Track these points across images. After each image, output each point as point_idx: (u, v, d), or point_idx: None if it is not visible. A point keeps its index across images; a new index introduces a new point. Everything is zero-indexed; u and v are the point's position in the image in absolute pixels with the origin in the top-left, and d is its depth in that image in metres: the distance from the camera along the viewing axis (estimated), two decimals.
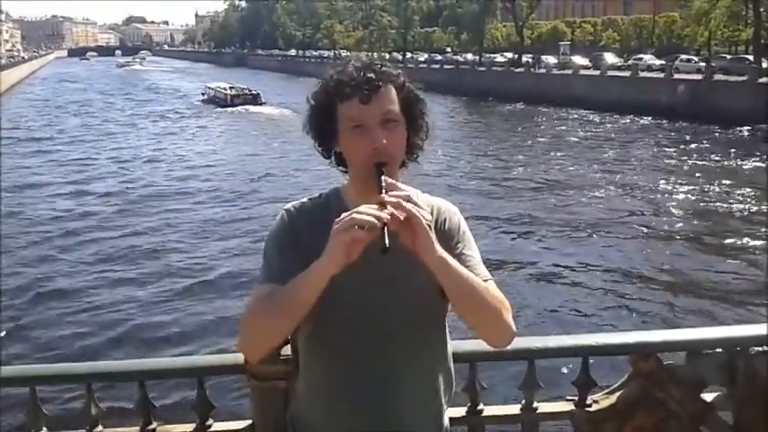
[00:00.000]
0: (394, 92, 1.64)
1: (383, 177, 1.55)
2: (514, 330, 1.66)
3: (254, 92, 49.89)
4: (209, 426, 2.26)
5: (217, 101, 49.86)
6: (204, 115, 44.51)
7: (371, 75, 1.62)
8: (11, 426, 2.25)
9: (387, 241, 1.41)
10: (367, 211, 1.44)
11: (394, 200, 1.47)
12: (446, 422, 1.83)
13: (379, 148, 1.58)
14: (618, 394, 2.30)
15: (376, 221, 1.43)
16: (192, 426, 2.26)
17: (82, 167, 25.78)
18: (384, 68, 1.66)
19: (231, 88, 50.88)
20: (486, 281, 1.65)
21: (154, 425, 2.25)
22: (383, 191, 1.51)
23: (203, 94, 54.65)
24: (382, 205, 1.46)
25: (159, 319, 10.76)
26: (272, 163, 26.51)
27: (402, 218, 1.47)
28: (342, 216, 1.46)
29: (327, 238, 1.48)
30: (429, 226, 1.49)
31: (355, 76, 1.62)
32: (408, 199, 1.49)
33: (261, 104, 47.84)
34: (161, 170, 25.47)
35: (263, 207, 18.37)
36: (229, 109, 46.29)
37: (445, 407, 1.82)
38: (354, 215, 1.44)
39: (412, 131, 1.68)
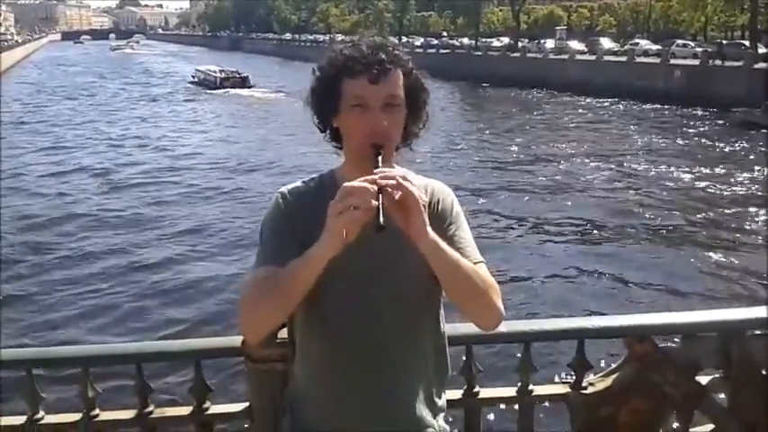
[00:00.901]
0: (402, 77, 1.63)
1: (379, 158, 1.55)
2: (503, 313, 1.66)
3: (243, 75, 50.29)
4: (207, 408, 2.26)
5: (206, 83, 50.13)
6: (193, 98, 44.68)
7: (383, 56, 1.61)
8: (7, 409, 2.25)
9: (381, 219, 1.41)
10: (361, 191, 1.44)
11: (389, 179, 1.47)
12: (442, 402, 1.82)
13: (379, 130, 1.58)
14: (613, 377, 2.31)
15: (370, 201, 1.43)
16: (189, 408, 2.27)
17: (73, 150, 25.84)
18: (396, 51, 1.65)
19: (221, 71, 51.29)
20: (476, 263, 1.66)
21: (151, 408, 2.25)
22: (378, 170, 1.50)
23: (193, 76, 54.91)
24: (377, 184, 1.45)
25: (156, 302, 10.74)
26: (259, 144, 26.84)
27: (396, 197, 1.47)
28: (337, 196, 1.46)
29: (322, 221, 1.48)
30: (423, 207, 1.49)
31: (367, 54, 1.61)
32: (404, 178, 1.49)
33: (250, 87, 48.25)
34: (151, 153, 25.56)
35: (254, 188, 18.59)
36: (219, 91, 46.57)
37: (440, 387, 1.82)
38: (348, 197, 1.44)
39: (411, 119, 1.68)
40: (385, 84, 1.60)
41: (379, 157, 1.55)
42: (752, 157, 22.76)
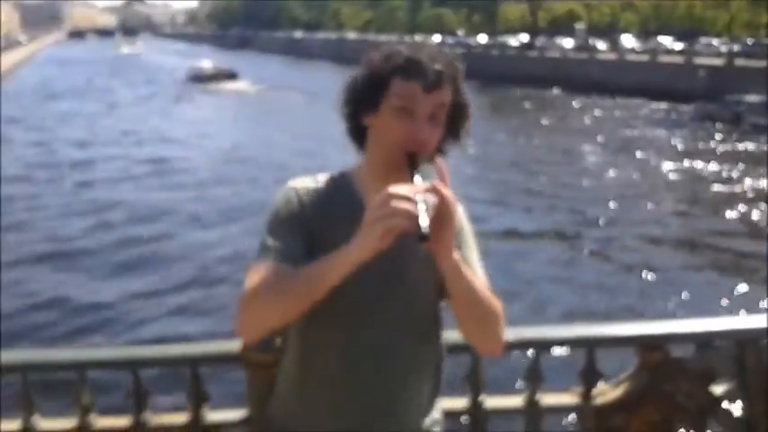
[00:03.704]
0: (450, 91, 1.58)
1: (415, 170, 1.49)
2: (503, 344, 1.63)
3: (232, 70, 55.99)
4: (204, 415, 2.22)
5: (199, 78, 55.05)
6: (186, 90, 49.15)
7: (441, 67, 1.55)
8: (2, 414, 2.21)
9: (424, 228, 1.34)
10: (405, 197, 1.37)
11: (439, 188, 1.44)
12: (438, 412, 1.77)
13: (419, 139, 1.53)
14: (624, 386, 2.26)
15: (414, 209, 1.36)
16: (185, 415, 2.22)
17: (69, 146, 26.36)
18: (452, 64, 1.59)
19: (213, 67, 57.25)
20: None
21: (147, 414, 2.21)
22: (414, 180, 1.45)
23: (188, 72, 59.46)
24: (422, 191, 1.41)
25: (152, 306, 10.72)
26: (238, 125, 30.17)
27: (439, 207, 1.43)
28: (377, 200, 1.38)
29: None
30: (455, 227, 1.47)
31: (425, 61, 1.55)
32: (451, 195, 1.45)
33: (236, 81, 53.47)
34: (147, 146, 26.51)
35: (246, 185, 19.01)
36: (210, 84, 51.56)
37: (437, 397, 1.76)
38: (392, 202, 1.36)
39: (447, 136, 1.62)
40: (438, 95, 1.54)
41: (415, 168, 1.49)
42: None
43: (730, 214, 15.80)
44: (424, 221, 1.35)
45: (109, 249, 13.45)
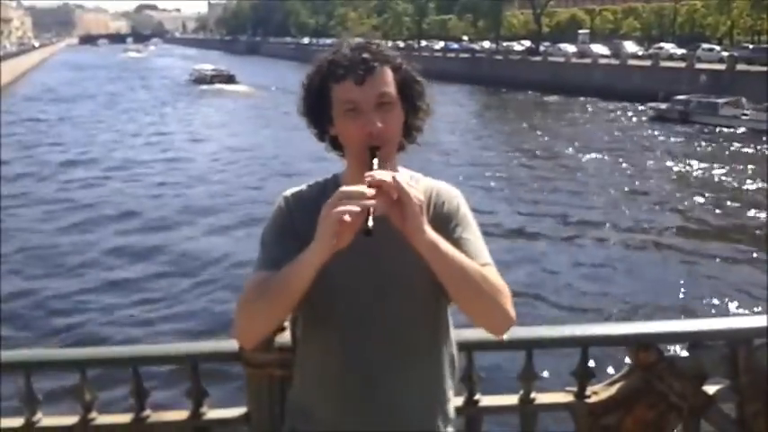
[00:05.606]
0: (390, 73, 1.58)
1: (375, 161, 1.50)
2: (513, 318, 1.59)
3: (230, 73, 59.89)
4: (203, 413, 2.23)
5: (200, 80, 58.59)
6: (187, 91, 53.49)
7: (366, 55, 1.56)
8: (4, 410, 2.25)
9: (371, 223, 1.37)
10: (355, 194, 1.40)
11: (384, 180, 1.42)
12: (450, 411, 1.77)
13: (374, 132, 1.53)
14: (618, 386, 2.26)
15: (360, 206, 1.38)
16: (186, 413, 2.24)
17: (78, 146, 26.89)
18: (380, 49, 1.60)
19: (213, 70, 61.28)
20: (483, 265, 1.58)
21: (147, 411, 2.23)
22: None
23: (190, 74, 63.42)
24: (371, 186, 1.41)
25: (154, 306, 10.74)
26: (238, 130, 31.22)
27: (394, 197, 1.42)
28: (330, 200, 1.42)
29: None
30: (420, 207, 1.45)
31: (349, 56, 1.57)
32: (395, 179, 1.44)
33: (235, 83, 56.91)
34: (146, 145, 27.35)
35: (250, 186, 19.40)
36: (209, 86, 54.95)
37: (448, 395, 1.76)
38: (341, 200, 1.39)
39: (410, 113, 1.63)
40: (372, 83, 1.55)
41: (375, 160, 1.50)
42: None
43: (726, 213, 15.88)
44: (372, 216, 1.37)
45: (106, 251, 13.52)
